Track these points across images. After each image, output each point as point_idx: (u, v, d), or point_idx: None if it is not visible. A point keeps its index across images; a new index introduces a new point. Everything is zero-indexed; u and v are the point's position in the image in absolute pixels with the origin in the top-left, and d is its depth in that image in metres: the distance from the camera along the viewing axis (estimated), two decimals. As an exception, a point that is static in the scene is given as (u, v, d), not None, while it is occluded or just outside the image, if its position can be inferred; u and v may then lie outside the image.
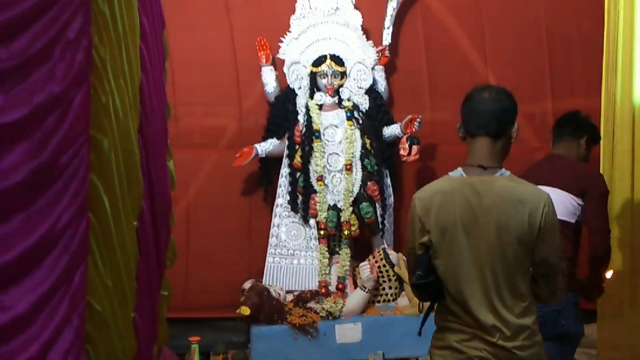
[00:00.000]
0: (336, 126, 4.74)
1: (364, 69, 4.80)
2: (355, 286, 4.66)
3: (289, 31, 4.85)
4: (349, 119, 4.73)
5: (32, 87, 2.12)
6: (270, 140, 4.76)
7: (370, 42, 4.87)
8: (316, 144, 4.68)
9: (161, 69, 3.24)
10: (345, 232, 4.68)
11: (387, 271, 4.60)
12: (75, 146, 2.30)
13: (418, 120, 4.64)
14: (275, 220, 4.81)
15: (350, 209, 4.68)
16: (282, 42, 4.86)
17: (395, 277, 4.58)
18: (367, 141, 4.72)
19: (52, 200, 2.22)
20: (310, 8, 4.82)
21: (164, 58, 3.30)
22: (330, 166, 4.72)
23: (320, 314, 4.52)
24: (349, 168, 4.70)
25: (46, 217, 2.21)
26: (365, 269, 4.58)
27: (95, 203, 2.42)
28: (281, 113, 4.78)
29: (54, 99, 2.18)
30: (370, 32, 4.91)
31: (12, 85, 2.06)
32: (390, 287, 4.60)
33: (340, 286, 4.67)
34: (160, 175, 3.17)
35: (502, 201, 2.70)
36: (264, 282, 4.68)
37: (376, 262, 4.62)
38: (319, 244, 4.75)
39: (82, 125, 2.32)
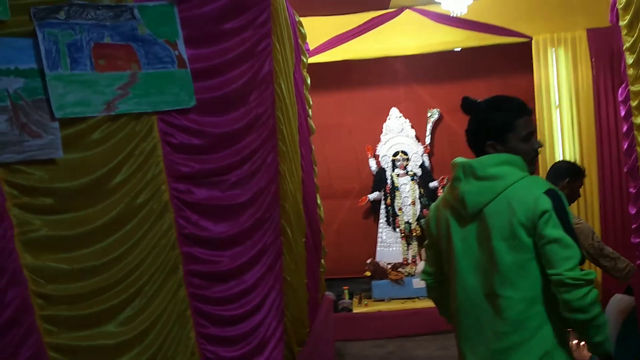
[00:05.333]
0: (406, 184, 5.04)
1: (417, 156, 5.08)
2: (421, 259, 4.91)
3: (380, 140, 5.12)
4: (412, 180, 5.03)
5: (256, 182, 2.14)
6: (375, 192, 5.09)
7: (420, 143, 5.09)
8: (397, 193, 5.02)
9: (311, 171, 3.14)
10: (414, 234, 4.99)
11: (436, 252, 5.06)
12: (273, 209, 2.28)
13: (446, 179, 4.89)
14: (379, 230, 5.10)
15: (416, 222, 4.97)
16: (377, 146, 5.14)
17: (440, 255, 5.03)
18: (421, 190, 5.02)
19: (263, 233, 2.20)
20: (389, 129, 5.11)
21: (312, 165, 3.18)
22: (404, 204, 5.03)
23: (404, 273, 4.85)
24: (413, 203, 5.00)
25: (261, 240, 2.19)
26: (424, 251, 5.10)
27: (284, 232, 2.38)
28: (379, 179, 5.09)
29: (262, 189, 2.18)
30: (420, 138, 5.10)
31: (246, 184, 2.12)
32: (438, 260, 5.03)
33: (412, 260, 4.98)
34: (314, 217, 3.04)
35: None
36: (376, 259, 4.97)
37: (430, 248, 5.11)
38: (402, 240, 5.03)
39: (275, 199, 2.30)
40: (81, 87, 1.68)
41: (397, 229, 5.05)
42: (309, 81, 3.18)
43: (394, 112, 5.16)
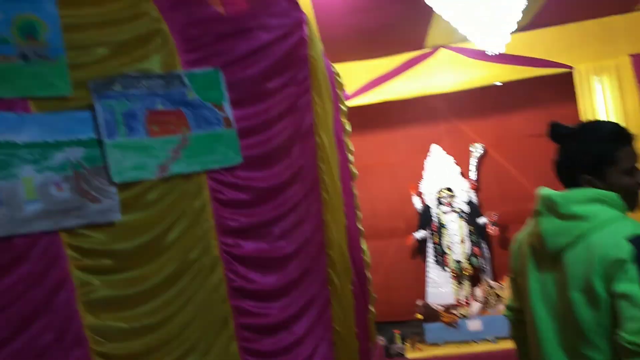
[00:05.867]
0: (453, 221, 4.94)
1: (463, 192, 5.01)
2: (474, 299, 4.76)
3: (423, 178, 5.09)
4: (459, 217, 4.95)
5: (301, 233, 2.14)
6: (421, 231, 5.02)
7: (465, 178, 5.03)
8: (444, 230, 4.92)
9: (354, 216, 3.10)
10: (465, 273, 4.84)
11: (490, 291, 4.69)
12: (319, 258, 2.30)
13: (495, 215, 4.83)
14: (428, 269, 4.99)
15: (466, 261, 4.84)
16: (420, 184, 5.10)
17: (495, 294, 4.65)
18: (470, 227, 4.90)
19: (310, 283, 2.23)
20: (432, 166, 5.07)
21: (355, 210, 3.14)
22: (452, 241, 4.93)
23: (458, 315, 4.66)
24: (462, 241, 4.88)
25: (308, 290, 2.21)
26: (477, 291, 4.77)
27: (331, 281, 2.40)
28: (425, 217, 5.03)
29: (307, 239, 2.16)
30: (464, 173, 5.04)
31: (291, 234, 2.12)
32: (492, 300, 4.65)
33: (466, 301, 4.81)
34: (359, 263, 3.01)
35: None
36: (426, 300, 4.87)
37: (483, 287, 4.74)
38: (452, 279, 4.90)
39: (321, 248, 2.33)
40: (137, 152, 1.79)
41: (447, 268, 4.93)
42: (348, 127, 3.24)
43: (436, 148, 5.14)
